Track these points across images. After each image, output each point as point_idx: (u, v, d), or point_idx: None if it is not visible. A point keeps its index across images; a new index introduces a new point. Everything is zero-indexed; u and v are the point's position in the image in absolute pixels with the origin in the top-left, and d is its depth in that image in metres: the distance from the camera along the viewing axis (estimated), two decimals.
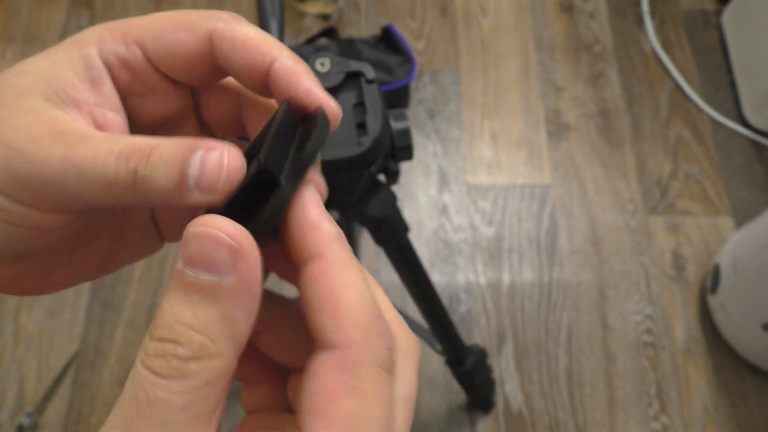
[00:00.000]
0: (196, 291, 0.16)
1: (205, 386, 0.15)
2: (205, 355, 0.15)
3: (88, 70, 0.20)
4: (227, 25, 0.20)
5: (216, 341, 0.16)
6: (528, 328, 1.14)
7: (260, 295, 0.17)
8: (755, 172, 1.29)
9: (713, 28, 1.45)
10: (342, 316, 0.17)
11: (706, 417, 1.08)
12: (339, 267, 0.17)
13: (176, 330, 0.16)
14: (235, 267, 0.16)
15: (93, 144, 0.18)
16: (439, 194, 1.25)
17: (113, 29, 0.21)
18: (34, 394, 1.07)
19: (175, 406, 0.15)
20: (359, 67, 0.45)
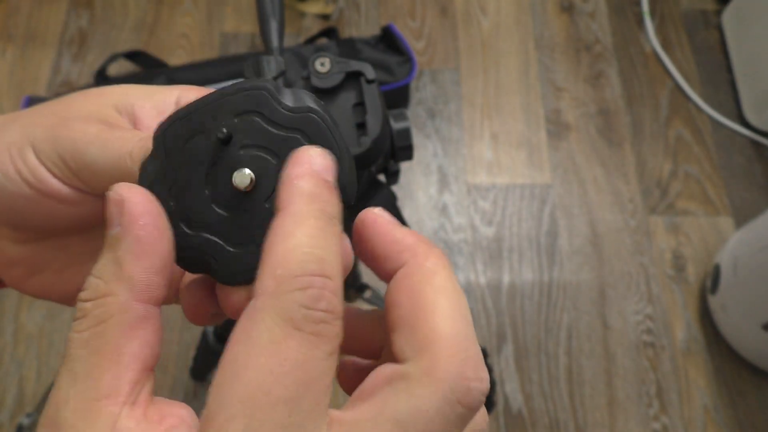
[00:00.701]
0: (104, 247, 0.17)
1: (100, 323, 0.16)
2: (97, 294, 0.17)
3: None
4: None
5: (108, 282, 0.17)
6: (528, 328, 1.14)
7: (153, 238, 0.17)
8: (755, 172, 1.29)
9: (713, 28, 1.45)
10: (265, 264, 0.16)
11: (706, 417, 1.08)
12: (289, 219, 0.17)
13: (87, 281, 0.17)
14: (120, 217, 0.17)
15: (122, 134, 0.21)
16: (439, 194, 1.25)
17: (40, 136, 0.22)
18: (34, 394, 1.07)
19: (77, 343, 0.16)
20: (359, 67, 0.45)
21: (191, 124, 0.19)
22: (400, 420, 0.16)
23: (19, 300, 1.14)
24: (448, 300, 0.17)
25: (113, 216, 0.17)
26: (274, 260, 0.16)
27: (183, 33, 1.41)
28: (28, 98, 1.20)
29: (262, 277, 0.16)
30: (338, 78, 0.44)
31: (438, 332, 0.17)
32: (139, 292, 0.17)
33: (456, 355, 0.16)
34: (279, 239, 0.16)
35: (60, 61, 1.37)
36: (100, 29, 1.41)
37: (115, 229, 0.17)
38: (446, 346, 0.16)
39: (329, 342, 0.16)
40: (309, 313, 0.15)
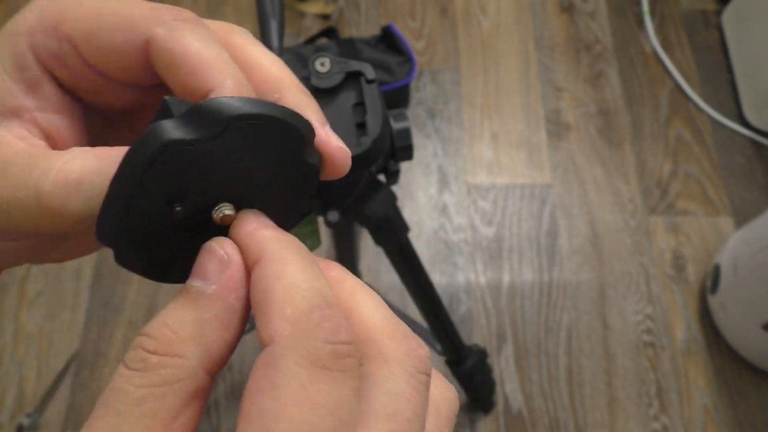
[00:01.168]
0: (183, 295, 0.16)
1: (164, 384, 0.15)
2: (169, 351, 0.15)
3: (22, 70, 0.18)
4: (167, 33, 0.17)
5: (183, 341, 0.16)
6: (528, 328, 1.14)
7: (240, 313, 0.16)
8: (755, 172, 1.29)
9: (713, 28, 1.45)
10: (270, 310, 0.15)
11: (706, 417, 1.08)
12: (274, 263, 0.16)
13: (153, 326, 0.16)
14: (220, 277, 0.16)
15: (12, 176, 0.17)
16: (439, 194, 1.25)
17: (47, 18, 0.18)
18: (34, 394, 1.07)
19: (131, 398, 0.15)
20: (359, 67, 0.44)
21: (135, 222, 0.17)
22: (389, 413, 0.15)
23: (19, 300, 1.14)
24: (365, 295, 0.18)
25: (211, 272, 0.16)
26: (277, 302, 0.15)
27: None
28: None
29: (269, 322, 0.15)
30: (338, 78, 0.44)
31: (372, 323, 0.17)
32: (211, 363, 0.16)
33: (396, 334, 0.17)
34: (272, 282, 0.16)
35: None
36: None
37: (210, 287, 0.16)
38: (385, 331, 0.17)
39: (355, 376, 0.15)
40: (335, 348, 0.15)
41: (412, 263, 0.68)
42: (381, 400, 0.16)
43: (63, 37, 0.18)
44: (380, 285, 1.16)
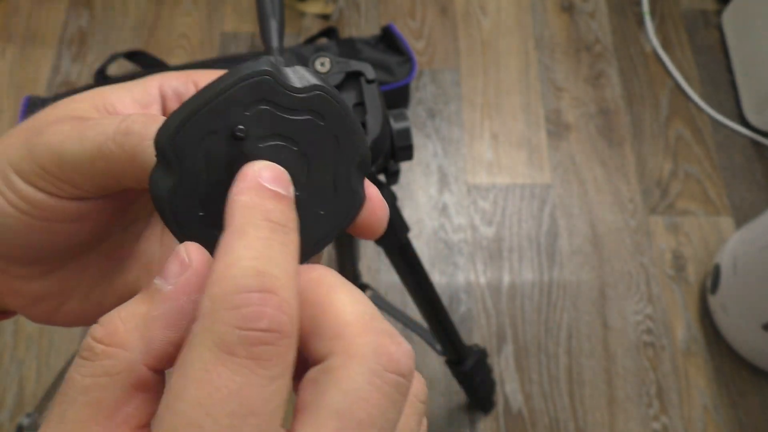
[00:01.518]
0: (144, 291, 0.17)
1: (105, 374, 0.15)
2: (113, 342, 0.16)
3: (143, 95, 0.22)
4: None
5: (128, 332, 0.16)
6: (528, 328, 1.14)
7: (186, 317, 0.16)
8: (755, 171, 1.29)
9: (713, 28, 1.45)
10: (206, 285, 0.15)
11: (706, 417, 1.08)
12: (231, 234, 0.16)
13: (108, 316, 0.16)
14: (177, 278, 0.16)
15: (99, 121, 0.19)
16: (439, 194, 1.25)
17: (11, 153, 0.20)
18: (34, 394, 1.07)
19: (77, 386, 0.15)
20: (359, 67, 0.44)
21: (199, 126, 0.17)
22: (339, 410, 0.15)
23: None
24: (343, 292, 0.17)
25: (171, 272, 0.16)
26: (211, 279, 0.15)
27: (183, 33, 1.41)
28: (27, 98, 1.20)
29: (200, 299, 0.15)
30: (338, 78, 0.44)
31: (343, 318, 0.16)
32: (153, 359, 0.16)
33: (367, 331, 0.16)
34: (218, 256, 0.15)
35: (60, 61, 1.37)
36: (99, 29, 1.41)
37: (167, 287, 0.16)
38: (355, 326, 0.16)
39: (274, 365, 0.14)
40: (244, 334, 0.14)
41: (412, 263, 0.68)
42: (333, 396, 0.15)
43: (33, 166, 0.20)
44: (380, 285, 1.16)
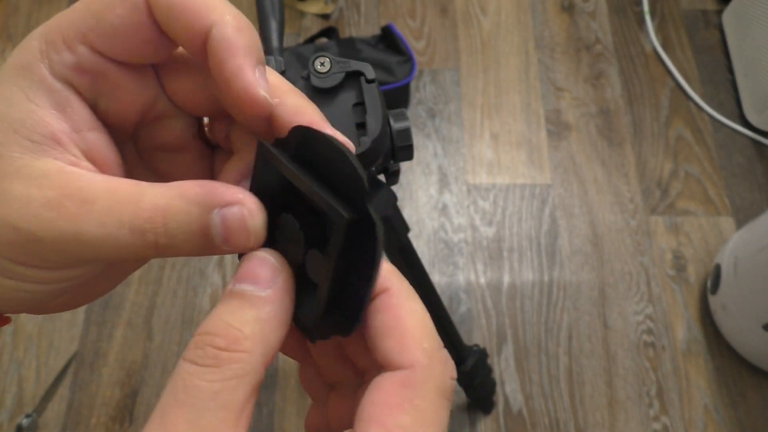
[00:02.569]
0: (239, 298, 0.18)
1: (235, 377, 0.17)
2: (238, 348, 0.17)
3: (48, 95, 0.18)
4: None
5: (248, 338, 0.17)
6: (528, 328, 1.14)
7: (289, 314, 0.19)
8: (756, 172, 1.29)
9: (714, 28, 1.45)
10: (407, 340, 0.18)
11: (707, 417, 1.08)
12: (403, 297, 0.19)
13: (217, 325, 0.17)
14: (274, 282, 0.18)
15: (96, 216, 0.17)
16: (439, 194, 1.25)
17: (50, 37, 0.18)
18: (34, 394, 1.07)
19: (206, 393, 0.16)
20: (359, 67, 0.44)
21: None
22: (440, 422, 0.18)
23: None
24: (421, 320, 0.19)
25: (263, 277, 0.18)
26: (413, 334, 0.18)
27: None
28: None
29: (407, 350, 0.18)
30: (338, 78, 0.44)
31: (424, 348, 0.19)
32: (270, 359, 0.18)
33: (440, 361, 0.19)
34: (405, 314, 0.19)
35: None
36: None
37: (264, 291, 0.18)
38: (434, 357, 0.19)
39: None
40: (453, 383, 0.19)
41: (412, 263, 0.68)
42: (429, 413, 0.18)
43: (73, 41, 0.18)
44: None
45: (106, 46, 0.19)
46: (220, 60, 0.18)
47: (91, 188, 0.17)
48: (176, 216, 0.17)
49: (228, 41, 0.18)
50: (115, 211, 0.17)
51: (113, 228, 0.17)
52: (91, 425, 1.05)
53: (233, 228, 0.18)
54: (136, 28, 0.18)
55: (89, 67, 0.19)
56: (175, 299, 1.14)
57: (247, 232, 0.18)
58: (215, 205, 0.18)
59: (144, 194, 0.18)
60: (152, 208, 0.17)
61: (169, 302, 1.14)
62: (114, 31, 0.18)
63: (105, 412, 1.06)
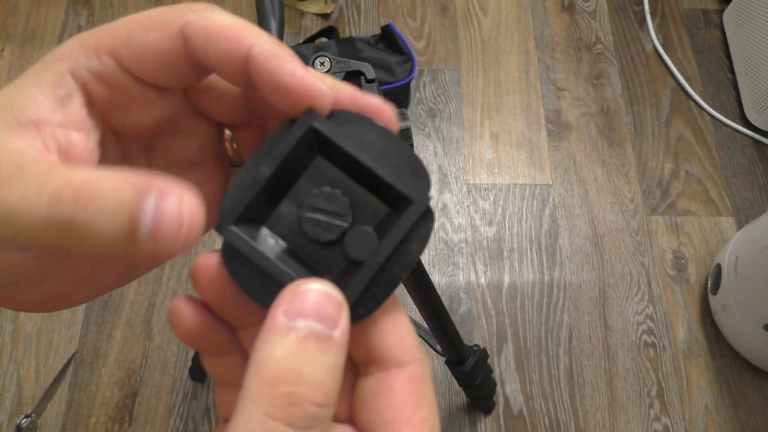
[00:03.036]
0: (314, 340, 0.16)
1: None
2: (331, 402, 0.16)
3: (55, 87, 0.18)
4: (198, 15, 0.19)
5: (335, 390, 0.17)
6: (528, 328, 1.14)
7: None
8: (757, 171, 1.29)
9: (714, 28, 1.44)
10: (407, 337, 0.19)
11: (707, 417, 1.07)
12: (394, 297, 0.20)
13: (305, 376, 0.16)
14: (340, 321, 0.17)
15: (24, 181, 0.16)
16: (439, 194, 1.25)
17: (85, 42, 0.19)
18: (33, 394, 1.06)
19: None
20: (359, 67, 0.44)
21: None
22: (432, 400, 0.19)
23: None
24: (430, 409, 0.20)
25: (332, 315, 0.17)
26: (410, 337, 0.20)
27: None
28: None
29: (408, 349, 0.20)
30: (338, 77, 0.44)
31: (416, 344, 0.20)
32: None
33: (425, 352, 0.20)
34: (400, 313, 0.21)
35: None
36: None
37: (334, 331, 0.17)
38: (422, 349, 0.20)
39: None
40: None
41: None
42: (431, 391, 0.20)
43: (103, 52, 0.19)
44: None
45: (134, 65, 0.19)
46: (271, 69, 0.18)
47: (30, 158, 0.17)
48: (105, 191, 0.15)
49: (273, 52, 0.18)
50: (43, 177, 0.16)
51: (33, 195, 0.16)
52: (90, 425, 1.05)
53: (165, 220, 0.15)
54: (167, 54, 0.19)
55: (111, 79, 0.19)
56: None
57: (179, 228, 0.16)
58: (151, 191, 0.15)
59: (79, 172, 0.16)
60: (83, 179, 0.16)
61: (168, 302, 1.14)
62: (144, 53, 0.19)
63: (104, 412, 1.06)
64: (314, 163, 0.19)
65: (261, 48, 0.18)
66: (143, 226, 0.15)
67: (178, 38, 0.19)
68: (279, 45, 0.19)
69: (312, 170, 0.19)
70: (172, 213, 0.15)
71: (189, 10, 0.19)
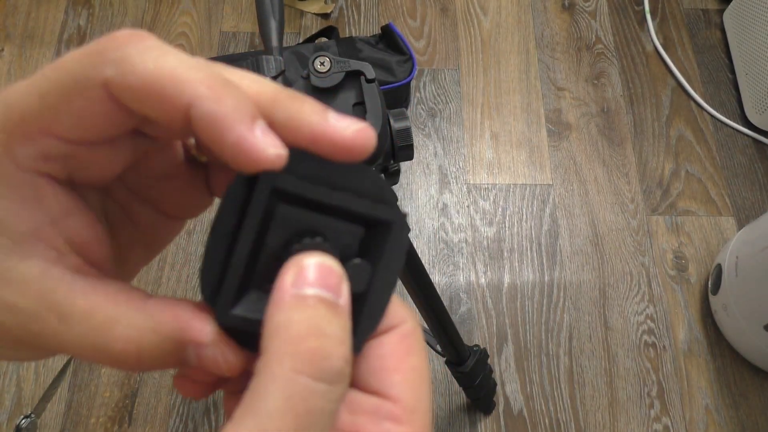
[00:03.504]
0: (325, 305, 0.17)
1: (343, 394, 0.17)
2: (350, 360, 0.17)
3: (21, 189, 0.17)
4: (117, 70, 0.16)
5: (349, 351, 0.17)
6: (529, 328, 1.14)
7: None
8: (757, 171, 1.29)
9: (715, 27, 1.44)
10: (395, 303, 0.20)
11: (707, 418, 1.07)
12: None
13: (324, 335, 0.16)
14: (342, 290, 0.18)
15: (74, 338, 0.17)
16: (439, 194, 1.25)
17: (9, 128, 0.17)
18: (32, 395, 1.06)
19: (329, 415, 0.16)
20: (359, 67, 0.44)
21: None
22: None
23: None
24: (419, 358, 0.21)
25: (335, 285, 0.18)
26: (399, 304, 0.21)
27: (182, 32, 1.41)
28: None
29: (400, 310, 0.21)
30: (338, 77, 0.44)
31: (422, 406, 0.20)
32: None
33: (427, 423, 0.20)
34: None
35: None
36: (98, 28, 1.41)
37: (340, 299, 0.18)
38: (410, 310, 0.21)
39: None
40: None
41: (412, 263, 0.67)
42: None
43: (35, 134, 0.17)
44: None
45: (71, 134, 0.17)
46: (214, 137, 0.17)
47: (70, 305, 0.17)
48: (149, 351, 0.17)
49: (215, 116, 0.16)
50: (92, 338, 0.17)
51: (89, 351, 0.17)
52: (90, 426, 1.05)
53: (208, 365, 0.18)
54: (100, 116, 0.17)
55: (57, 154, 0.18)
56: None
57: (218, 368, 0.18)
58: (190, 344, 0.18)
59: (118, 322, 0.17)
60: (125, 341, 0.17)
61: None
62: (77, 122, 0.17)
63: (104, 412, 1.06)
64: (278, 211, 0.19)
65: (200, 110, 0.16)
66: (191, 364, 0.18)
67: (105, 99, 0.17)
68: (219, 100, 0.16)
69: (279, 220, 0.19)
70: (211, 360, 0.18)
71: (105, 62, 0.16)
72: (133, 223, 0.22)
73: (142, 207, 0.22)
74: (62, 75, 0.17)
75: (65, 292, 0.17)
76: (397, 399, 0.19)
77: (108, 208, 0.21)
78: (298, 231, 0.19)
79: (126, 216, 0.22)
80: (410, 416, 0.19)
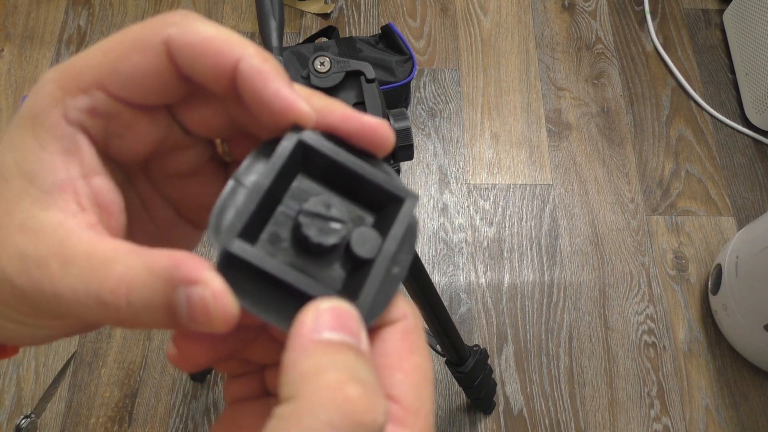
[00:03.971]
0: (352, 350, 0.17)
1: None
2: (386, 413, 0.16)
3: (58, 140, 0.18)
4: (180, 29, 0.18)
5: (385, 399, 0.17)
6: (529, 328, 1.14)
7: None
8: (757, 171, 1.29)
9: (715, 28, 1.44)
10: (399, 302, 0.20)
11: (708, 418, 1.07)
12: None
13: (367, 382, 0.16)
14: (362, 334, 0.18)
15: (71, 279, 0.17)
16: (439, 194, 1.25)
17: (65, 82, 0.19)
18: (32, 395, 1.06)
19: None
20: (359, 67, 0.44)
21: None
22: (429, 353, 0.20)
23: None
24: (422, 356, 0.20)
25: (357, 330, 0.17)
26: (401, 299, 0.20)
27: None
28: (26, 98, 1.20)
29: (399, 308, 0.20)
30: (338, 77, 0.44)
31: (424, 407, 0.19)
32: None
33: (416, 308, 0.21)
34: None
35: (58, 61, 1.37)
36: (98, 28, 1.41)
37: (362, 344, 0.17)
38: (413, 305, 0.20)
39: None
40: None
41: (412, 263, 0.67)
42: None
43: (90, 87, 0.19)
44: None
45: (123, 91, 0.19)
46: (256, 87, 0.18)
47: (74, 248, 0.17)
48: (139, 289, 0.17)
49: (260, 69, 0.18)
50: (87, 277, 0.17)
51: (82, 295, 0.17)
52: (90, 426, 1.05)
53: (196, 310, 0.17)
54: (155, 74, 0.19)
55: (103, 111, 0.19)
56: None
57: (208, 316, 0.16)
58: (181, 282, 0.17)
59: (116, 262, 0.17)
60: (118, 278, 0.17)
61: None
62: (132, 77, 0.19)
63: (104, 412, 1.06)
64: (295, 183, 0.20)
65: (247, 63, 0.18)
66: (183, 315, 0.17)
67: (163, 55, 0.18)
68: (265, 59, 0.19)
69: (295, 189, 0.20)
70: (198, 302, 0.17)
71: (169, 23, 0.18)
72: (151, 220, 0.23)
73: (162, 205, 0.23)
74: (126, 35, 0.19)
75: (73, 240, 0.18)
76: (400, 399, 0.18)
77: (129, 200, 0.22)
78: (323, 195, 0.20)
79: (145, 212, 0.23)
80: (413, 418, 0.18)
